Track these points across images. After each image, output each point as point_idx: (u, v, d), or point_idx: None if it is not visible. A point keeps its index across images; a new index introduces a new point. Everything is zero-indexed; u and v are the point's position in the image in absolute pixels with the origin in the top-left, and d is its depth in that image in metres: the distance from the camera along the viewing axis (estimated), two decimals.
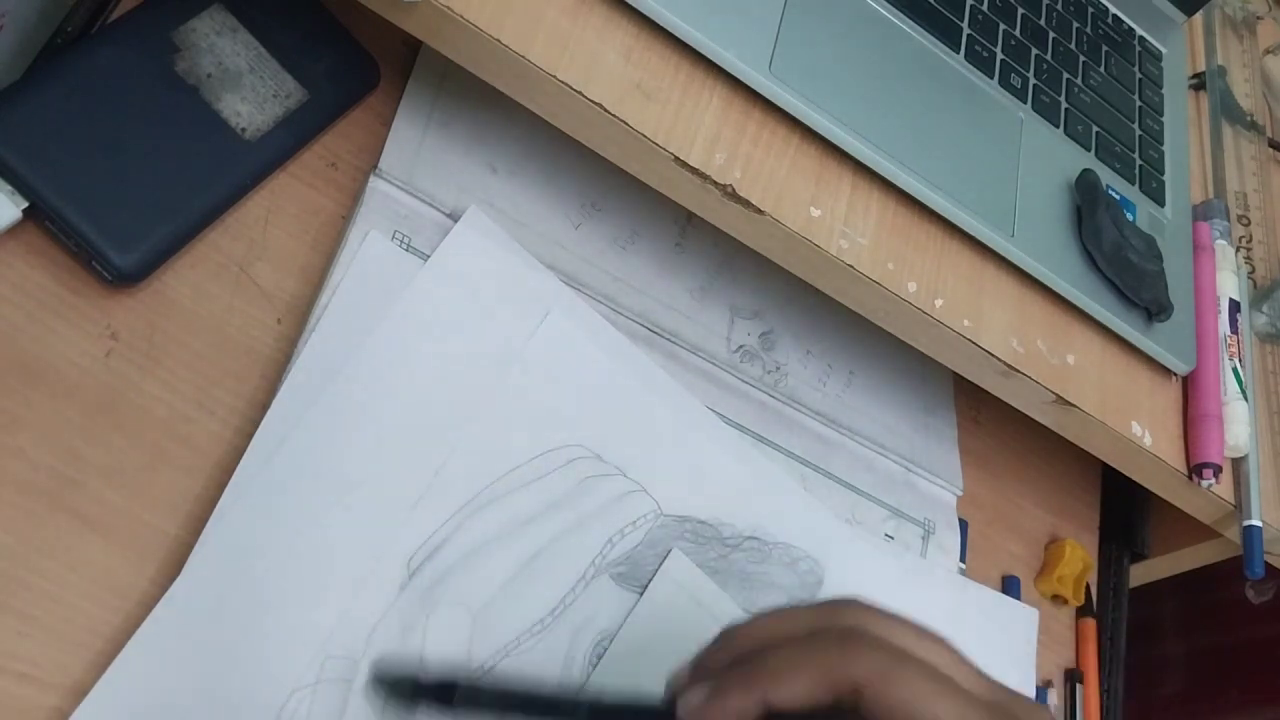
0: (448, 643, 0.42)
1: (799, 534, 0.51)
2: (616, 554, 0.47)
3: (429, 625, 0.42)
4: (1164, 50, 0.65)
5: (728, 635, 0.34)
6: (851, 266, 0.47)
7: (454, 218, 0.49)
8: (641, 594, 0.46)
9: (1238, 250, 0.63)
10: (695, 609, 0.47)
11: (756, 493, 0.51)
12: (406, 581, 0.42)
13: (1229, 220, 0.63)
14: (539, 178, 0.52)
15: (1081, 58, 0.59)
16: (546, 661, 0.43)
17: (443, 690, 0.35)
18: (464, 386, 0.46)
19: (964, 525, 0.58)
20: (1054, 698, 0.58)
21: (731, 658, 0.33)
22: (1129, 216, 0.55)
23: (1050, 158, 0.55)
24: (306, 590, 0.40)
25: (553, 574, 0.45)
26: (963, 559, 0.58)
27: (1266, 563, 0.54)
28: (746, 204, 0.45)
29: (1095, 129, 0.57)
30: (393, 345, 0.44)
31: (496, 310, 0.47)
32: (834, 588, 0.51)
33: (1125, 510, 0.66)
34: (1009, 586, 0.60)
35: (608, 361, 0.50)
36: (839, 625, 0.32)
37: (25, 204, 0.40)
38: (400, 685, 0.37)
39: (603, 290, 0.51)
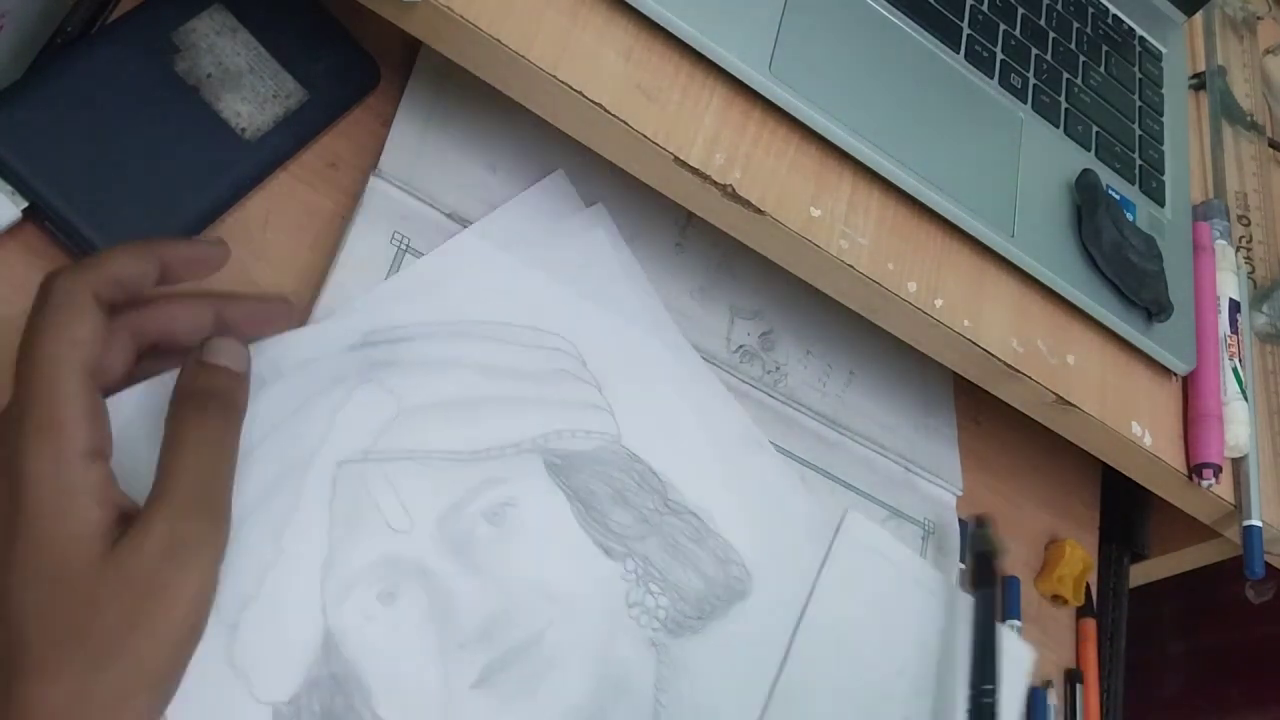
0: (364, 415, 0.42)
1: (746, 550, 0.50)
2: (559, 446, 0.47)
3: (357, 391, 0.43)
4: (1164, 50, 0.65)
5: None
6: (851, 266, 0.47)
7: (454, 218, 0.49)
8: (570, 498, 0.46)
9: (1238, 250, 0.63)
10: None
11: (716, 492, 0.50)
12: (359, 345, 0.43)
13: (1229, 220, 0.63)
14: (539, 178, 0.52)
15: (1081, 58, 0.59)
16: (442, 490, 0.43)
17: None
18: (485, 252, 0.48)
19: (964, 526, 0.58)
20: (1054, 698, 0.58)
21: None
22: (1129, 216, 0.55)
23: (1050, 158, 0.55)
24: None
25: (491, 423, 0.45)
26: (963, 559, 0.58)
27: (1266, 563, 0.54)
28: (746, 204, 0.45)
29: (1095, 129, 0.57)
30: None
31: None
32: (757, 612, 0.49)
33: (1125, 510, 0.66)
34: (1009, 587, 0.60)
35: (632, 294, 0.51)
36: None
37: (25, 204, 0.40)
38: None
39: None
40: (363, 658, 0.40)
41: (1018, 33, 0.57)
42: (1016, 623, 0.58)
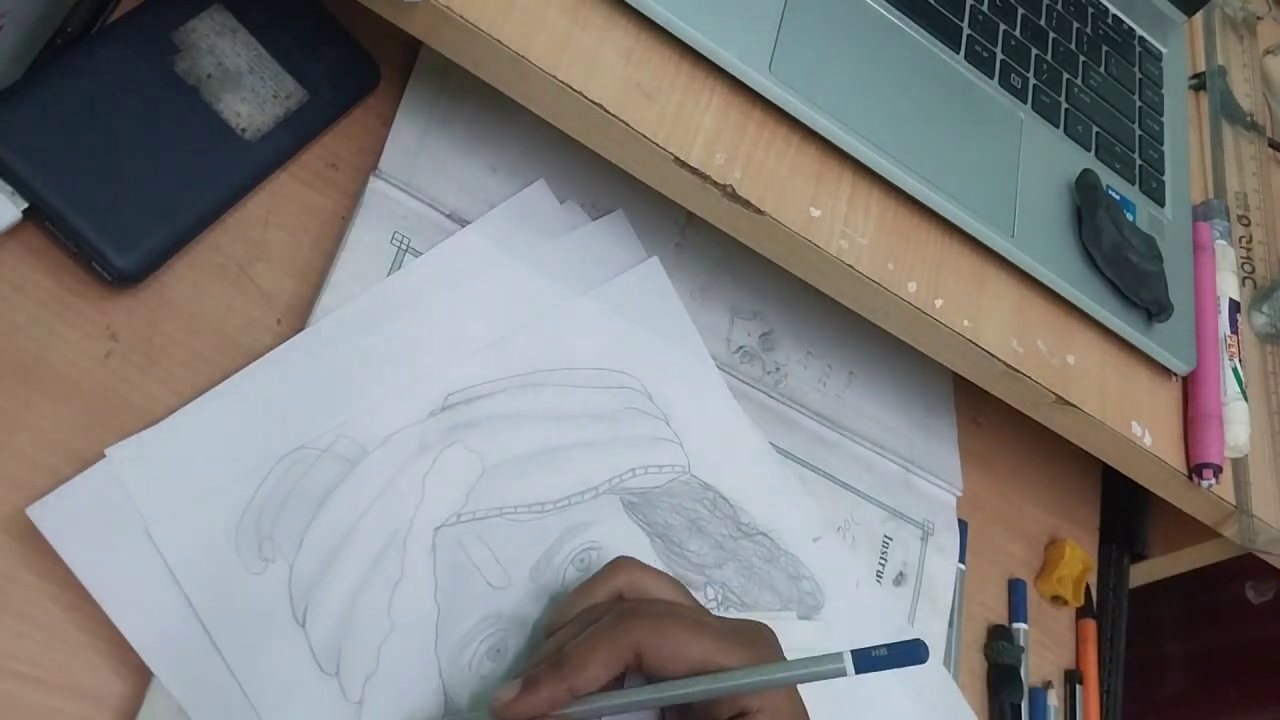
0: (452, 478, 0.44)
1: (815, 563, 0.51)
2: (635, 484, 0.48)
3: (442, 455, 0.44)
4: (1164, 50, 0.65)
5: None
6: (851, 266, 0.47)
7: (454, 218, 0.49)
8: (649, 534, 0.47)
9: (1238, 250, 0.63)
10: None
11: (786, 506, 0.52)
12: (439, 410, 0.45)
13: (1229, 220, 0.63)
14: (538, 178, 0.51)
15: (1081, 58, 0.59)
16: (532, 542, 0.45)
17: None
18: (542, 292, 0.49)
19: (964, 526, 0.58)
20: (1054, 699, 0.58)
21: (538, 660, 0.39)
22: (1129, 216, 0.55)
23: (1050, 158, 0.55)
24: (355, 380, 0.44)
25: (569, 470, 0.47)
26: (962, 560, 0.58)
27: (1266, 563, 0.54)
28: (746, 204, 0.45)
29: (1095, 129, 0.57)
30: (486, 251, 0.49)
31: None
32: (831, 625, 0.51)
33: (1125, 510, 0.66)
34: (1015, 590, 0.60)
35: (680, 323, 0.52)
36: (616, 607, 0.39)
37: (25, 204, 0.40)
38: None
39: None
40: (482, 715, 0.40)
41: (1018, 33, 0.57)
42: (1023, 626, 0.58)
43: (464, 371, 0.46)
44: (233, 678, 0.38)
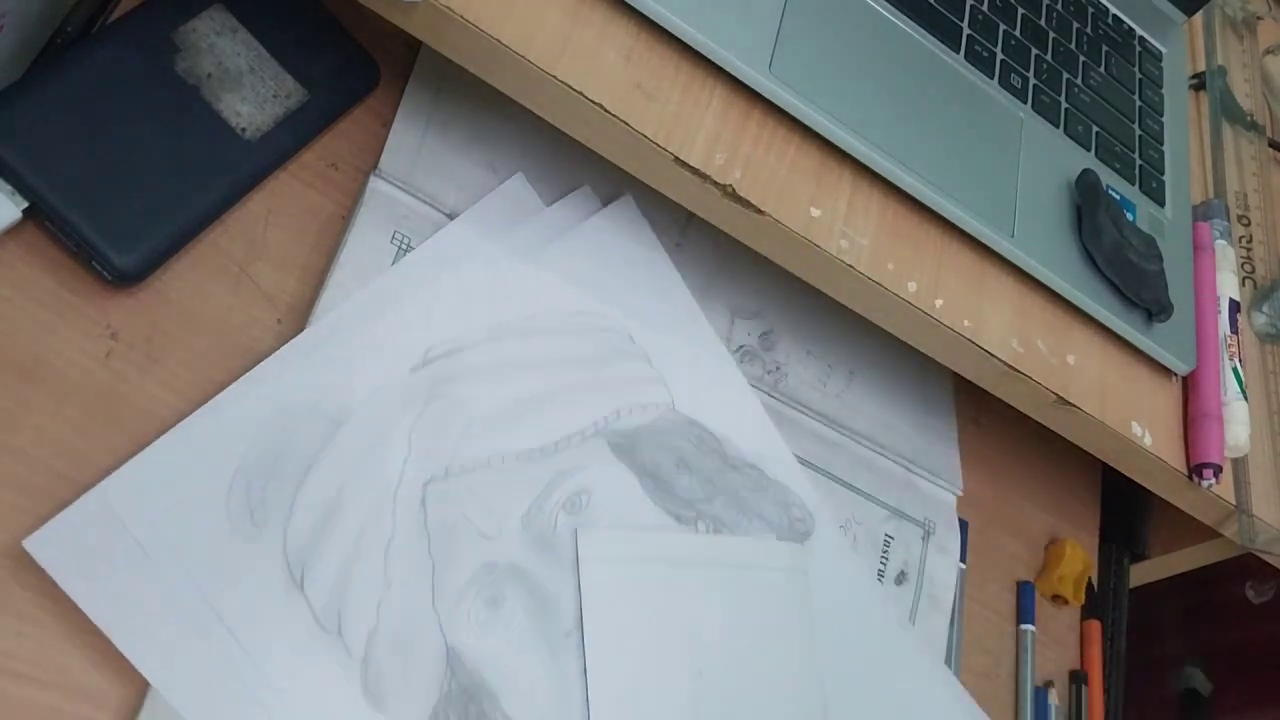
0: (437, 431, 0.44)
1: (804, 491, 0.52)
2: (621, 426, 0.48)
3: (426, 410, 0.44)
4: (1164, 50, 0.65)
5: None
6: (851, 266, 0.47)
7: (454, 217, 0.49)
8: (638, 474, 0.48)
9: (1238, 250, 0.63)
10: None
11: (767, 440, 0.52)
12: (420, 365, 0.45)
13: (1229, 220, 0.63)
14: (539, 177, 0.51)
15: (1081, 58, 0.59)
16: (522, 490, 0.45)
17: None
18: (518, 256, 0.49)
19: (964, 526, 0.58)
20: (1055, 698, 0.58)
21: None
22: (1129, 216, 0.55)
23: (1050, 158, 0.55)
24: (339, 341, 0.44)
25: (554, 416, 0.47)
26: (963, 559, 0.58)
27: (1266, 563, 0.54)
28: (746, 204, 0.45)
29: (1095, 129, 0.57)
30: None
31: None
32: (817, 555, 0.51)
33: (1125, 510, 0.66)
34: (1023, 593, 0.60)
35: (656, 260, 0.52)
36: None
37: (25, 204, 0.40)
38: None
39: None
40: (484, 665, 0.42)
41: (1018, 33, 0.57)
42: (1031, 627, 0.58)
43: (441, 325, 0.46)
44: (241, 649, 0.38)
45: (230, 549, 0.39)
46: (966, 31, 0.54)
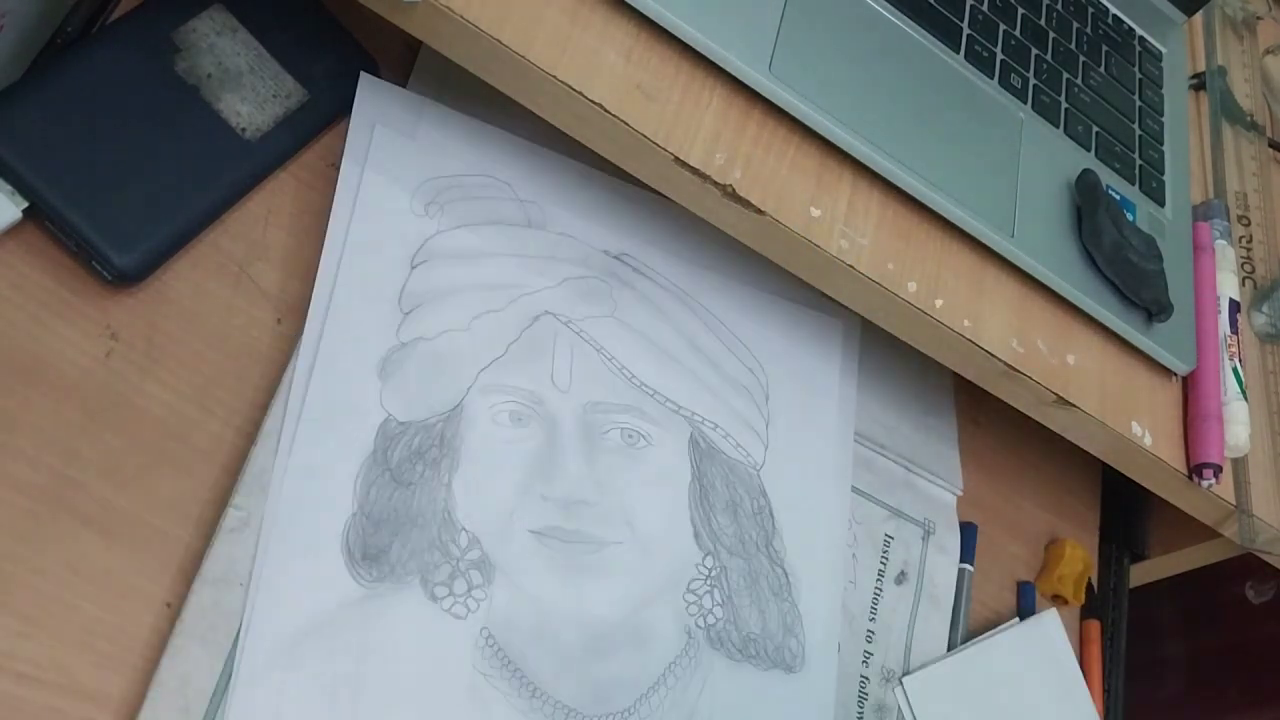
0: (588, 300, 0.49)
1: (815, 635, 0.50)
2: (710, 435, 0.51)
3: (589, 280, 0.49)
4: (1164, 50, 0.65)
5: None
6: (852, 266, 0.47)
7: None
8: (694, 475, 0.50)
9: (1238, 250, 0.63)
10: None
11: (820, 573, 0.52)
12: (613, 255, 0.51)
13: (1229, 220, 0.63)
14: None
15: (1081, 58, 0.59)
16: (605, 385, 0.49)
17: None
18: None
19: (972, 530, 0.58)
20: None
21: None
22: (1129, 216, 0.55)
23: (1050, 158, 0.55)
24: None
25: (669, 375, 0.50)
26: (968, 561, 0.57)
27: (1266, 563, 0.54)
28: (746, 204, 0.45)
29: (1095, 129, 0.57)
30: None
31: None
32: (793, 693, 0.49)
33: (1125, 510, 0.66)
34: (1023, 593, 0.59)
35: (829, 384, 0.56)
36: None
37: (25, 204, 0.40)
38: None
39: None
40: (470, 441, 0.45)
41: (1018, 33, 0.57)
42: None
43: (645, 252, 0.52)
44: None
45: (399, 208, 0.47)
46: (966, 31, 0.54)
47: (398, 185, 0.47)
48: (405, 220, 0.46)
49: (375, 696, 0.40)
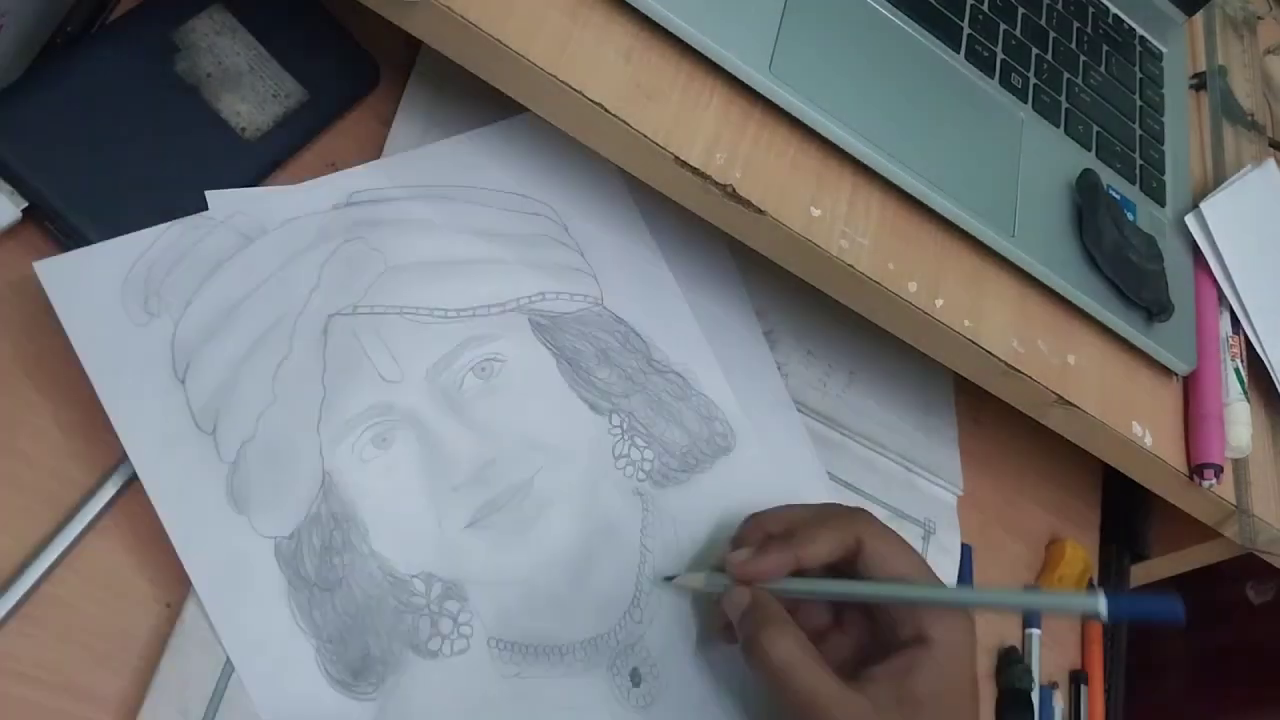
0: (350, 270, 0.44)
1: (730, 409, 0.52)
2: (543, 307, 0.48)
3: (343, 247, 0.45)
4: (1164, 50, 0.65)
5: (757, 518, 0.45)
6: (852, 266, 0.47)
7: None
8: (556, 356, 0.48)
9: None
10: None
11: (695, 351, 0.52)
12: (343, 205, 0.46)
13: None
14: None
15: (1082, 57, 0.59)
16: (431, 343, 0.45)
17: None
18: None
19: (968, 551, 0.58)
20: (1059, 699, 0.58)
21: (764, 534, 0.44)
22: (1129, 216, 0.55)
23: (1050, 158, 0.55)
24: None
25: (475, 282, 0.47)
26: (966, 584, 0.57)
27: (1266, 563, 0.54)
28: (746, 204, 0.45)
29: (1096, 129, 0.57)
30: None
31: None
32: (736, 468, 0.51)
33: (1126, 510, 0.65)
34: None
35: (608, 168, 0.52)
36: (846, 507, 0.45)
37: (25, 204, 0.40)
38: None
39: None
40: (359, 497, 0.42)
41: (1018, 33, 0.57)
42: (1037, 631, 0.58)
43: (369, 175, 0.47)
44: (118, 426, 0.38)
45: (120, 331, 0.40)
46: (967, 31, 0.54)
47: (108, 321, 0.40)
48: (140, 339, 0.40)
49: None
